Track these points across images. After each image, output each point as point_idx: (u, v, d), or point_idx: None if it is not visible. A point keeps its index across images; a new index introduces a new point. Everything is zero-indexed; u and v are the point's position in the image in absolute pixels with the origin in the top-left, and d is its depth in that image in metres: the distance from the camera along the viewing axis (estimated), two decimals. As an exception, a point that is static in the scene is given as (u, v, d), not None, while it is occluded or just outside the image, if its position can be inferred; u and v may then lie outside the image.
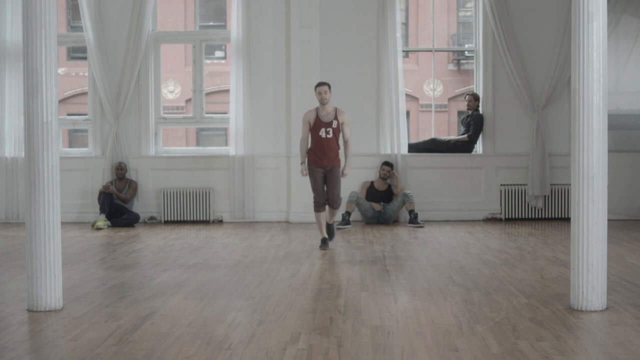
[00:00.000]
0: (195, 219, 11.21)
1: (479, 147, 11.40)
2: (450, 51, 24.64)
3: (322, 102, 8.24)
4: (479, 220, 11.10)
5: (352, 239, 9.17)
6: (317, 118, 8.28)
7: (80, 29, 11.54)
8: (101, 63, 11.11)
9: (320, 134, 8.26)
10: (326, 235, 8.48)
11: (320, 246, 8.43)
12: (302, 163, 8.44)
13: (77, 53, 22.58)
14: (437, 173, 11.21)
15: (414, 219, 10.47)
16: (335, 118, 8.29)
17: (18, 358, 4.32)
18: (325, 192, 8.37)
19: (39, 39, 5.41)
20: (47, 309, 5.44)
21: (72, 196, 11.08)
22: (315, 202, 8.39)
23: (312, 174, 8.36)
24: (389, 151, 11.12)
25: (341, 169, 8.42)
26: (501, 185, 11.21)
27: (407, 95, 13.04)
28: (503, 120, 11.26)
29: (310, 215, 11.11)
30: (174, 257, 7.94)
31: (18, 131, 11.22)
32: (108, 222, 10.61)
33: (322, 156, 8.29)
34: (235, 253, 8.21)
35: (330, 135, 8.26)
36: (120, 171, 10.99)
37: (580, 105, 5.26)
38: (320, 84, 8.31)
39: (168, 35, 11.94)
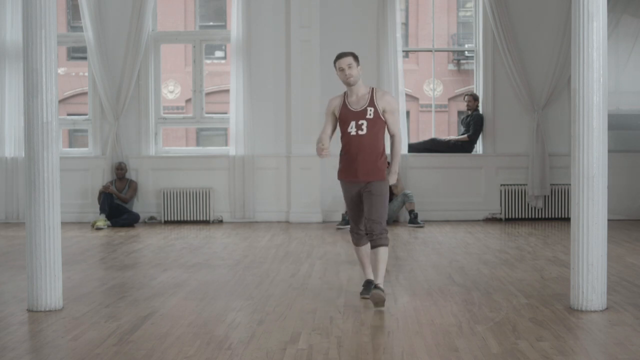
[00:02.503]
0: (195, 219, 11.20)
1: (479, 147, 11.40)
2: (450, 51, 24.64)
3: (348, 82, 5.58)
4: (479, 220, 11.09)
5: (352, 239, 9.15)
6: (344, 106, 5.61)
7: (80, 29, 11.54)
8: (101, 63, 11.11)
9: (348, 130, 5.53)
10: (371, 277, 5.78)
11: (362, 292, 5.79)
12: (320, 143, 5.49)
13: (77, 53, 22.58)
14: (437, 173, 11.21)
15: (414, 219, 10.47)
16: (372, 104, 5.55)
17: (18, 358, 4.32)
18: (362, 220, 5.73)
19: (39, 39, 5.41)
20: (47, 309, 5.43)
21: (72, 196, 11.07)
22: (351, 232, 5.82)
23: (343, 191, 5.78)
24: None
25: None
26: (501, 185, 11.20)
27: (407, 95, 13.03)
28: (503, 120, 11.26)
29: (311, 215, 11.16)
30: (174, 257, 7.94)
31: (18, 131, 11.21)
32: (108, 222, 10.61)
33: (353, 165, 5.56)
34: (235, 253, 8.21)
35: (364, 131, 5.51)
36: (120, 171, 10.99)
37: (580, 105, 5.26)
38: (341, 56, 5.61)
39: (168, 35, 11.94)
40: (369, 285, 5.73)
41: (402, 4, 22.30)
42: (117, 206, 10.80)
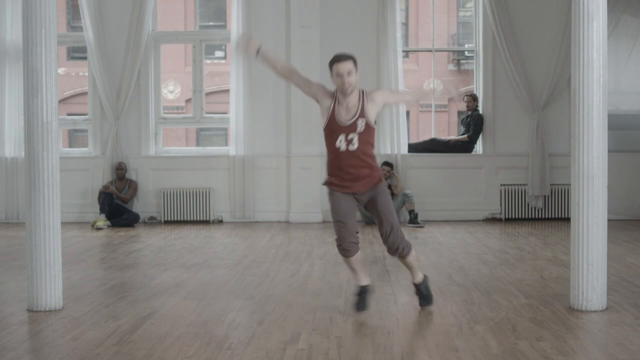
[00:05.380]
0: (195, 219, 11.21)
1: (479, 147, 11.41)
2: (450, 51, 24.63)
3: (344, 91, 4.96)
4: (479, 220, 11.10)
5: (352, 239, 9.15)
6: (333, 114, 5.02)
7: (80, 29, 11.54)
8: (101, 63, 11.11)
9: (337, 144, 5.01)
10: (365, 283, 5.31)
11: (357, 305, 5.25)
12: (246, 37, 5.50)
13: (77, 53, 22.57)
14: (437, 173, 11.21)
15: (414, 219, 10.47)
16: (362, 114, 4.99)
17: (18, 358, 4.32)
18: (356, 228, 5.17)
19: (39, 39, 5.40)
20: (47, 309, 5.43)
21: (72, 196, 11.07)
22: (344, 245, 5.12)
23: (334, 201, 5.13)
24: (389, 151, 11.12)
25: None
26: (501, 185, 11.21)
27: (407, 95, 13.02)
28: (503, 120, 11.26)
29: (311, 215, 11.17)
30: (174, 257, 7.94)
31: (18, 131, 11.22)
32: (108, 222, 10.61)
33: (346, 178, 5.05)
34: (235, 253, 8.21)
35: (355, 145, 4.98)
36: (120, 171, 11.00)
37: (580, 105, 5.25)
38: (340, 58, 5.00)
39: (168, 35, 11.94)
40: (364, 294, 5.28)
41: (402, 4, 22.29)
42: (117, 206, 10.80)
